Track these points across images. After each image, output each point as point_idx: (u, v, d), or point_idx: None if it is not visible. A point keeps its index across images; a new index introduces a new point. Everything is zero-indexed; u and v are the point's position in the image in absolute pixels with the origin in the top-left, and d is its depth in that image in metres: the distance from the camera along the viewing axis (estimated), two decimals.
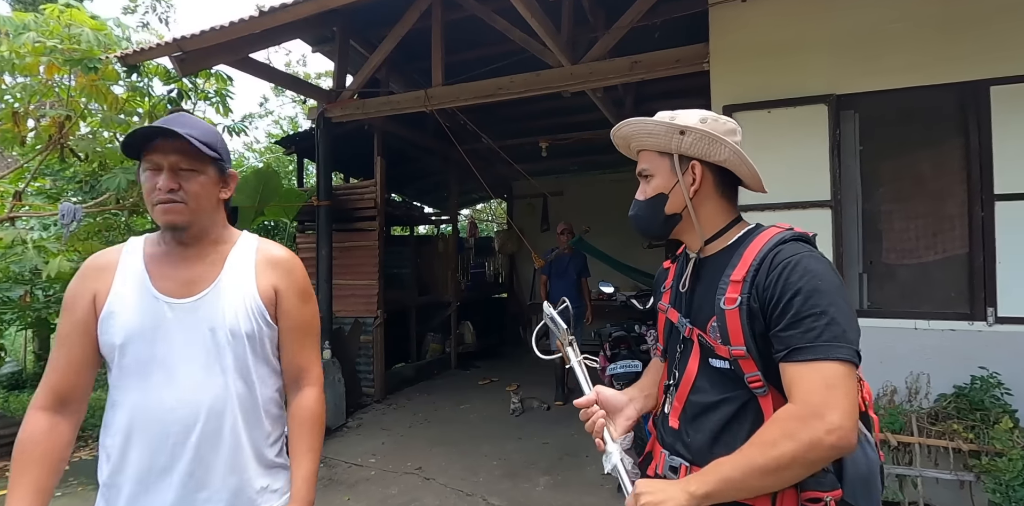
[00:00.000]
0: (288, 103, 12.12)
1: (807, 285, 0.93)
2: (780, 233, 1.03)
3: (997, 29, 2.86)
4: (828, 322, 0.91)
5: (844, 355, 0.89)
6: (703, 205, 1.10)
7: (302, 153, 6.09)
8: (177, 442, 1.10)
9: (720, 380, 1.04)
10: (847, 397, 0.88)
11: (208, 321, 1.14)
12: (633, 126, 1.10)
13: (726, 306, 1.00)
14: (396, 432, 4.47)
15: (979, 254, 2.89)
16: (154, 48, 3.63)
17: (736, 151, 1.04)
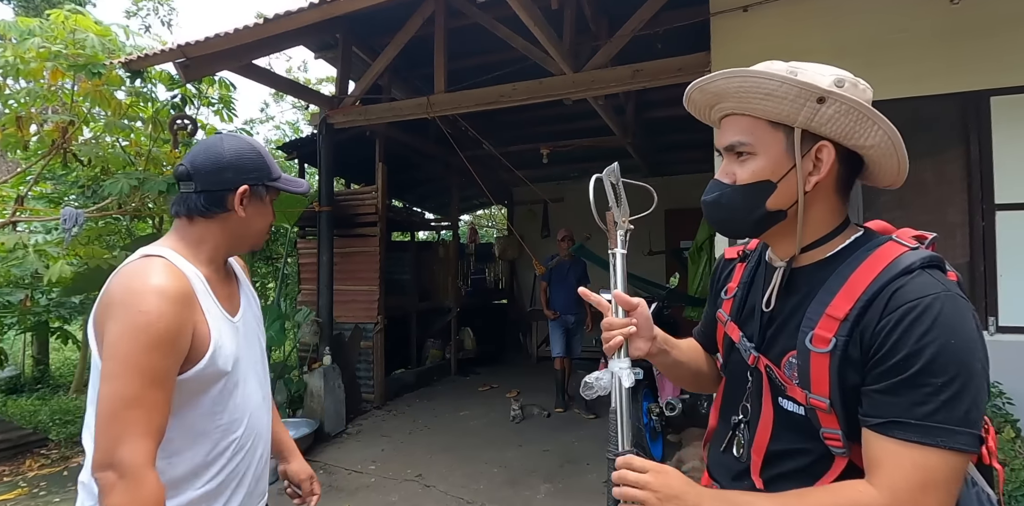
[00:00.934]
0: (289, 109, 12.17)
1: (935, 343, 0.70)
2: (906, 254, 0.77)
3: (997, 40, 2.88)
4: (951, 397, 0.69)
5: (961, 445, 0.69)
6: (815, 203, 0.83)
7: (304, 158, 6.10)
8: (252, 448, 1.15)
9: (791, 427, 0.83)
10: (941, 503, 0.70)
11: (256, 332, 1.21)
12: (742, 80, 0.79)
13: (814, 347, 0.77)
14: (396, 439, 4.45)
15: (980, 263, 2.90)
16: (158, 54, 3.64)
17: (891, 133, 0.77)
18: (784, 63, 0.81)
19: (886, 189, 0.88)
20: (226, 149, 1.11)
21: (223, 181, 1.09)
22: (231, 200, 1.10)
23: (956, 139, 3.02)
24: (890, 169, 0.83)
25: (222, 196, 1.10)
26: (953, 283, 0.76)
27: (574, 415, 4.98)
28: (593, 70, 4.01)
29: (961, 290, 0.76)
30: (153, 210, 4.32)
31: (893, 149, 0.80)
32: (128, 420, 0.90)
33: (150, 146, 4.27)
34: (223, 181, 1.09)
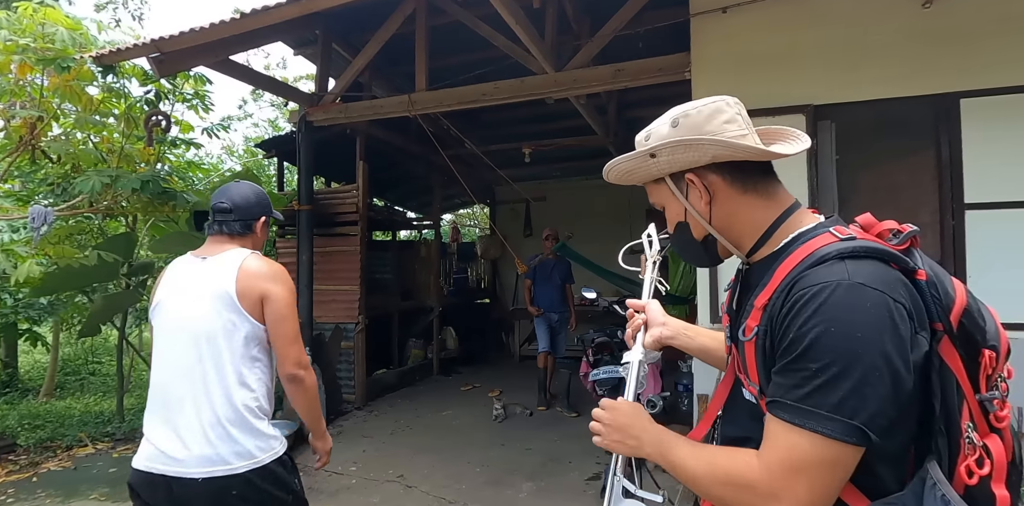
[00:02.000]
0: (267, 106, 11.99)
1: (815, 329, 0.72)
2: (827, 246, 0.79)
3: (967, 43, 2.96)
4: (824, 383, 0.70)
5: (827, 430, 0.69)
6: (733, 213, 0.90)
7: (283, 157, 6.02)
8: None
9: (746, 413, 0.89)
10: (809, 489, 0.71)
11: None
12: (612, 171, 0.98)
13: (744, 336, 0.84)
14: (378, 439, 4.42)
15: (950, 262, 2.97)
16: (131, 48, 3.55)
17: (718, 141, 0.85)
18: (646, 129, 0.95)
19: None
20: (254, 193, 1.76)
21: (252, 215, 1.73)
22: (256, 226, 1.75)
23: (928, 140, 3.10)
24: (751, 155, 0.88)
25: (251, 224, 1.73)
26: (868, 271, 0.74)
27: (556, 414, 4.99)
28: (575, 69, 4.03)
29: (879, 281, 0.73)
30: (127, 208, 4.21)
31: (731, 151, 0.86)
32: (300, 340, 1.65)
33: (123, 143, 4.16)
34: (252, 215, 1.73)
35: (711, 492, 0.82)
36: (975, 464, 0.73)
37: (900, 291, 0.74)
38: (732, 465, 0.79)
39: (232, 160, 10.20)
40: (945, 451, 0.74)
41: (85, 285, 4.77)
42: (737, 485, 0.77)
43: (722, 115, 0.88)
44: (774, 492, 0.73)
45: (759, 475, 0.75)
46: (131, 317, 5.85)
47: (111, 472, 3.83)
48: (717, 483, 0.80)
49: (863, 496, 0.76)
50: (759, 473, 0.75)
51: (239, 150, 11.21)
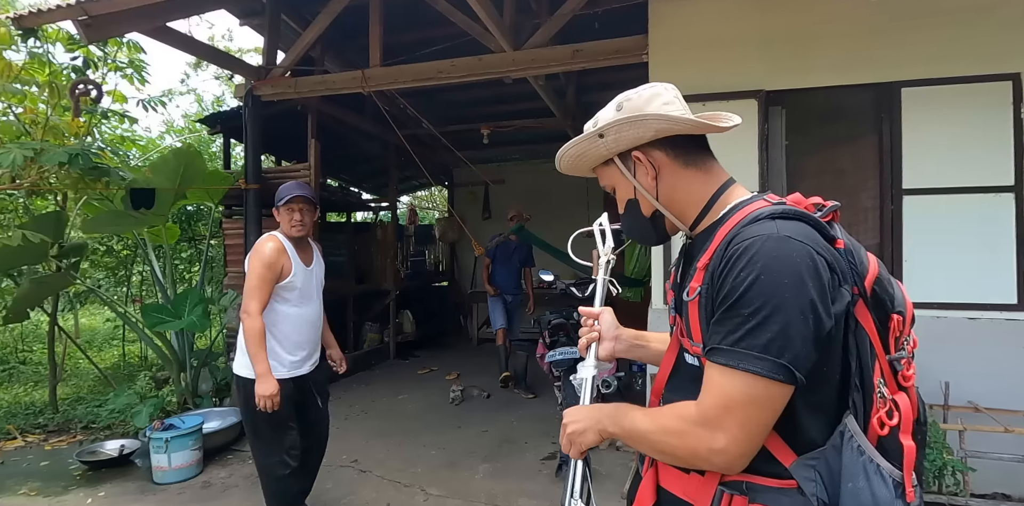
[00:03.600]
0: (211, 80, 11.37)
1: (748, 277, 0.78)
2: (760, 209, 0.87)
3: (909, 34, 3.07)
4: (755, 326, 0.77)
5: (757, 368, 0.76)
6: (675, 187, 0.97)
7: (229, 133, 5.71)
8: (311, 335, 2.62)
9: (691, 379, 0.91)
10: (745, 424, 0.78)
11: (319, 277, 2.67)
12: (564, 156, 1.04)
13: (687, 297, 0.90)
14: (332, 425, 4.32)
15: (888, 244, 3.12)
16: (54, 10, 3.26)
17: (659, 116, 0.92)
18: (595, 116, 1.01)
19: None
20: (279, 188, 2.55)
21: (274, 203, 2.52)
22: (274, 211, 2.54)
23: (871, 127, 3.21)
24: (692, 128, 0.95)
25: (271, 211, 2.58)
26: (794, 227, 0.81)
27: (514, 396, 5.02)
28: (533, 49, 3.96)
29: (804, 236, 0.81)
30: (55, 185, 3.92)
31: (672, 125, 0.93)
32: (250, 294, 2.37)
33: (48, 114, 3.85)
34: (274, 203, 2.52)
35: (659, 445, 0.88)
36: (886, 416, 0.82)
37: (822, 246, 0.82)
38: (672, 414, 0.87)
39: (172, 136, 9.64)
40: (860, 406, 0.82)
41: (9, 267, 4.44)
42: (678, 430, 0.84)
43: (660, 98, 0.95)
44: (709, 428, 0.80)
45: (696, 416, 0.82)
46: (63, 302, 5.51)
47: (43, 465, 3.63)
48: (661, 432, 0.87)
49: (791, 451, 0.83)
50: (695, 414, 0.82)
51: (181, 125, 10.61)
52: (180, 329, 4.09)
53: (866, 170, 3.22)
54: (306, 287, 2.53)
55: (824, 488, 0.80)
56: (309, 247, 2.61)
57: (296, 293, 2.49)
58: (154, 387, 4.39)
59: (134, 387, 4.23)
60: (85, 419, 4.32)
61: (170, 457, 3.30)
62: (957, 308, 2.98)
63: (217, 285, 5.70)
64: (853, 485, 0.78)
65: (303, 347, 2.55)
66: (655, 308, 3.51)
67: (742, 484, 0.84)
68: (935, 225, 3.04)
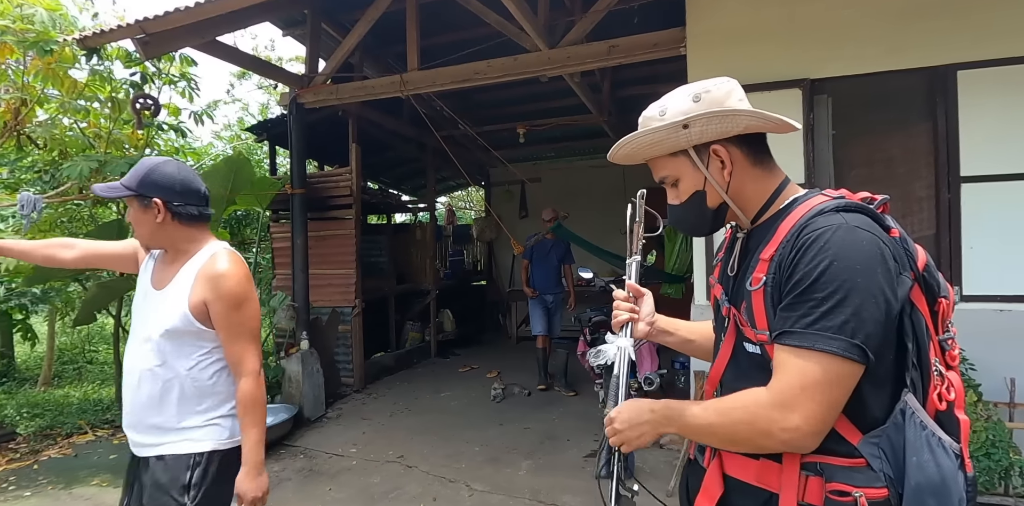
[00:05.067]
0: (254, 90, 11.79)
1: (821, 263, 0.82)
2: (823, 203, 0.91)
3: (963, 14, 2.92)
4: (830, 309, 0.81)
5: (833, 348, 0.80)
6: (744, 182, 0.99)
7: (274, 140, 5.93)
8: (133, 382, 1.58)
9: (752, 366, 0.95)
10: (820, 403, 0.81)
11: (175, 310, 1.52)
12: (631, 143, 1.02)
13: (752, 287, 0.92)
14: (377, 421, 4.45)
15: (946, 235, 2.98)
16: (115, 30, 3.47)
17: (753, 112, 0.93)
18: (657, 105, 1.01)
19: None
20: None
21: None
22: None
23: (923, 113, 3.08)
24: (773, 129, 0.98)
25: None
26: (859, 219, 0.87)
27: (555, 393, 5.03)
28: (568, 46, 3.96)
29: (877, 222, 0.88)
30: None
31: (762, 121, 0.95)
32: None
33: (110, 127, 4.09)
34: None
35: (732, 435, 0.89)
36: (945, 391, 0.87)
37: (884, 235, 0.87)
38: (740, 401, 0.89)
39: (222, 144, 10.06)
40: (919, 383, 0.86)
41: (77, 273, 4.73)
42: (748, 416, 0.86)
43: (735, 94, 0.98)
44: (783, 409, 0.82)
45: (768, 399, 0.84)
46: (127, 304, 5.84)
47: (111, 458, 3.86)
48: (732, 423, 0.88)
49: (857, 430, 0.86)
50: (768, 397, 0.85)
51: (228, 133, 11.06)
52: None
53: (919, 158, 3.08)
54: (138, 317, 1.57)
55: (889, 463, 0.83)
56: (179, 262, 1.56)
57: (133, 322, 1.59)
58: None
59: None
60: None
61: None
62: (1022, 301, 2.82)
63: (266, 287, 5.93)
64: (918, 459, 0.81)
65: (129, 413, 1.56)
66: (698, 304, 3.45)
67: (816, 465, 0.86)
68: (996, 214, 2.88)
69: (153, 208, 1.49)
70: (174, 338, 1.51)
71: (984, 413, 2.46)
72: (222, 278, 1.50)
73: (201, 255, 1.56)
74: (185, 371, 1.53)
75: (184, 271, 1.54)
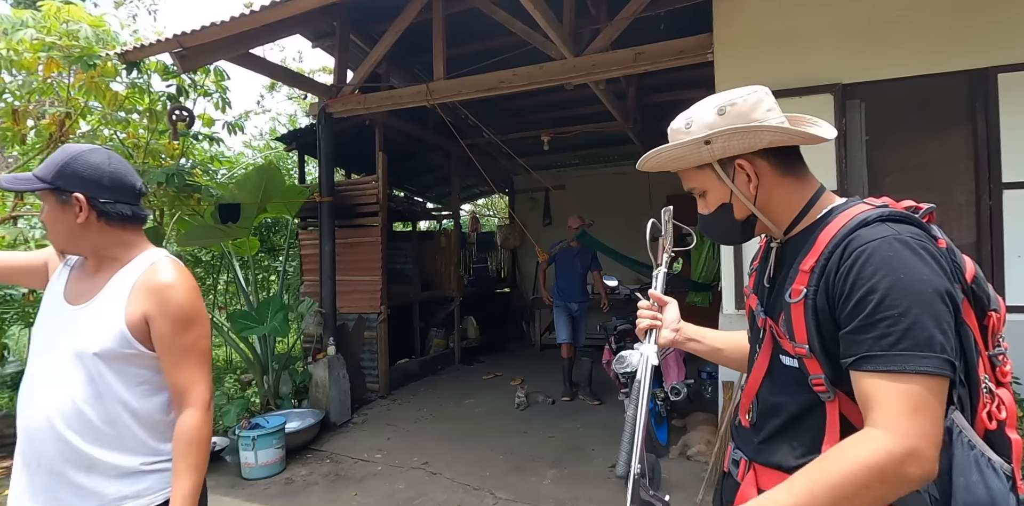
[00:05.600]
0: (284, 101, 12.06)
1: (885, 279, 0.78)
2: (866, 212, 0.87)
3: (1004, 16, 2.83)
4: (909, 326, 0.76)
5: (928, 367, 0.75)
6: (773, 194, 0.97)
7: (303, 149, 6.07)
8: (38, 440, 1.24)
9: (789, 379, 0.93)
10: (935, 424, 0.75)
11: (92, 330, 1.23)
12: (656, 158, 1.00)
13: (791, 299, 0.89)
14: (402, 427, 4.48)
15: (987, 243, 2.88)
16: (154, 44, 3.60)
17: (776, 128, 0.92)
18: (684, 117, 0.99)
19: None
20: None
21: None
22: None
23: (962, 117, 2.99)
24: (802, 140, 0.96)
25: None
26: (908, 229, 0.83)
27: (579, 402, 4.99)
28: (594, 54, 3.96)
29: (926, 232, 0.84)
30: (153, 203, 4.30)
31: (787, 136, 0.93)
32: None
33: (148, 138, 4.24)
34: None
35: (861, 502, 0.74)
36: (996, 410, 0.83)
37: (938, 248, 0.84)
38: (849, 460, 0.74)
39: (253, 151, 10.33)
40: (967, 400, 0.82)
41: None
42: (875, 470, 0.73)
43: (764, 104, 0.95)
44: (911, 437, 0.73)
45: (890, 435, 0.74)
46: None
47: None
48: (856, 488, 0.73)
49: None
50: (888, 434, 0.74)
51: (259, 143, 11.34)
52: (263, 334, 4.36)
53: (958, 163, 2.99)
54: (46, 339, 1.27)
55: (934, 484, 0.79)
56: (107, 271, 1.28)
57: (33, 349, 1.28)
58: (240, 388, 4.69)
59: (222, 388, 4.54)
60: None
61: (256, 454, 3.52)
62: None
63: (294, 293, 6.03)
64: (966, 480, 0.78)
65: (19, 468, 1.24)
66: (726, 313, 3.39)
67: None
68: None
69: (73, 205, 1.20)
70: (108, 363, 1.20)
71: None
72: (169, 290, 1.23)
73: (137, 263, 1.28)
74: (132, 402, 1.23)
75: (115, 282, 1.25)
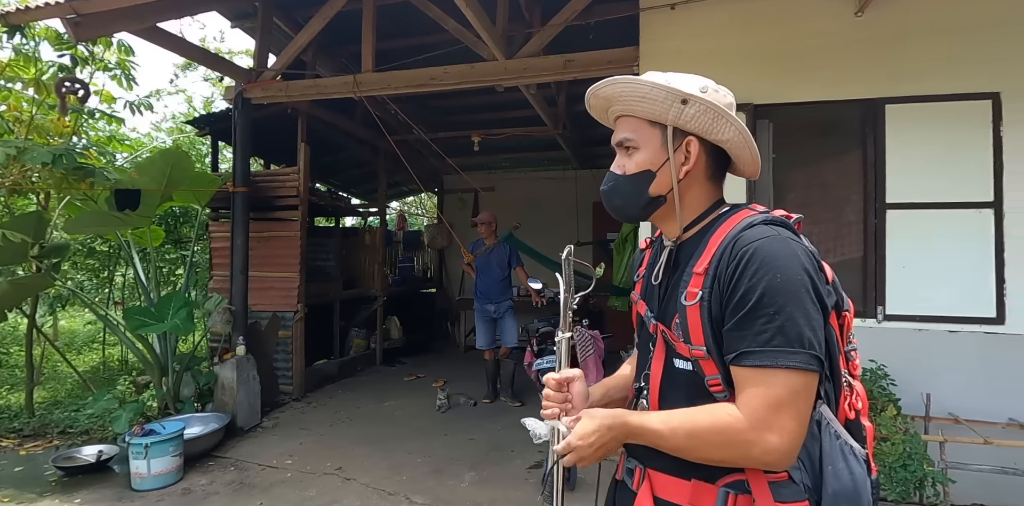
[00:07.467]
0: (199, 81, 11.28)
1: (764, 279, 0.82)
2: (750, 216, 0.92)
3: (894, 51, 3.14)
4: (783, 323, 0.81)
5: (796, 363, 0.80)
6: (690, 188, 0.97)
7: (217, 135, 5.67)
8: None
9: (685, 383, 0.94)
10: (794, 419, 0.81)
11: None
12: (622, 85, 0.94)
13: (687, 302, 0.90)
14: (316, 431, 4.29)
15: (872, 257, 3.17)
16: (42, 8, 3.23)
17: (742, 130, 0.93)
18: (663, 73, 0.96)
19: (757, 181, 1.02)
20: None
21: None
22: None
23: (856, 142, 3.28)
24: (746, 161, 0.98)
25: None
26: (790, 234, 0.90)
27: (501, 404, 5.00)
28: (525, 57, 3.99)
29: (797, 236, 0.91)
30: (37, 184, 3.86)
31: (745, 143, 0.95)
32: None
33: (32, 112, 3.80)
34: None
35: (705, 457, 0.87)
36: (855, 400, 0.92)
37: (810, 250, 0.90)
38: (712, 423, 0.84)
39: (162, 136, 9.54)
40: (832, 394, 0.90)
41: None
42: (727, 439, 0.83)
43: (732, 109, 0.96)
44: (760, 430, 0.81)
45: (747, 422, 0.82)
46: (43, 304, 5.41)
47: (17, 471, 3.54)
48: (706, 445, 0.85)
49: None
50: (746, 420, 0.82)
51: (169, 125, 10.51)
52: (163, 331, 4.03)
53: (851, 184, 3.27)
54: None
55: (808, 474, 0.86)
56: None
57: None
58: (134, 391, 4.31)
59: (114, 391, 4.15)
60: (62, 424, 4.23)
61: (149, 463, 3.24)
62: (938, 321, 3.03)
63: (202, 288, 5.63)
64: (833, 467, 0.85)
65: None
66: None
67: (744, 482, 0.86)
68: (917, 239, 3.09)
69: None
70: None
71: (902, 426, 2.62)
72: None
73: None
74: None
75: None
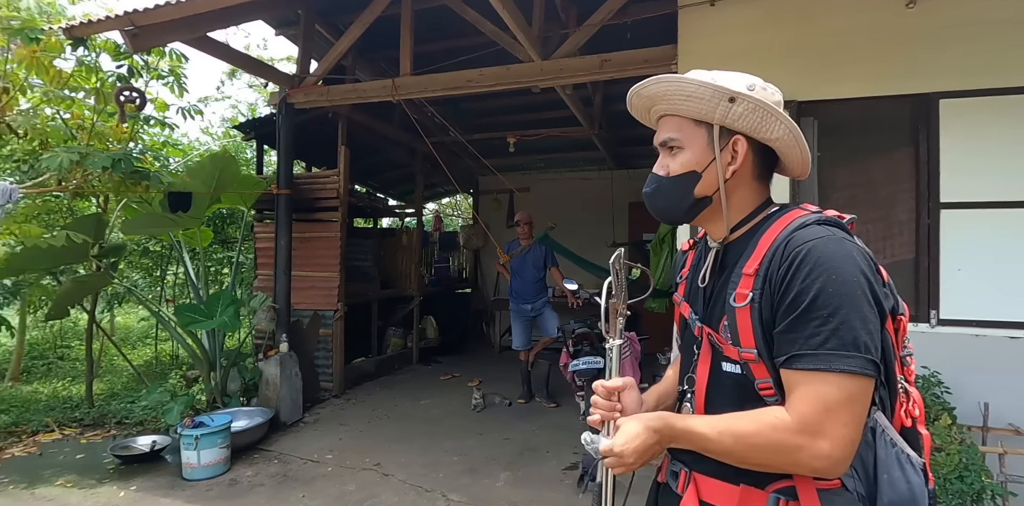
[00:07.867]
0: (244, 88, 11.68)
1: (818, 280, 0.80)
2: (803, 216, 0.89)
3: (948, 45, 3.00)
4: (837, 326, 0.78)
5: (851, 367, 0.77)
6: (737, 189, 0.95)
7: (262, 139, 5.88)
8: None
9: (733, 386, 0.91)
10: (847, 425, 0.78)
11: None
12: (668, 84, 0.92)
13: (736, 303, 0.87)
14: (354, 427, 4.39)
15: (924, 259, 3.04)
16: (103, 21, 3.41)
17: (792, 129, 0.90)
18: (707, 71, 0.94)
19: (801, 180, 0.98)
20: None
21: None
22: None
23: (906, 139, 3.14)
24: (795, 160, 0.95)
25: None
26: (844, 234, 0.86)
27: (536, 404, 5.01)
28: (561, 58, 3.99)
29: (852, 237, 0.87)
30: (97, 187, 4.07)
31: (795, 141, 0.92)
32: None
33: (93, 119, 4.02)
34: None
35: (753, 462, 0.84)
36: (911, 407, 0.89)
37: (866, 250, 0.87)
38: (760, 427, 0.82)
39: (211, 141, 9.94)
40: (887, 400, 0.87)
41: (52, 266, 4.62)
42: (775, 444, 0.80)
43: (781, 106, 0.92)
44: (811, 436, 0.78)
45: (796, 426, 0.79)
46: (101, 300, 5.70)
47: (78, 458, 3.75)
48: (753, 449, 0.82)
49: None
50: (795, 425, 0.79)
51: (217, 131, 10.93)
52: (212, 329, 4.20)
53: (901, 183, 3.14)
54: None
55: (861, 482, 0.83)
56: None
57: None
58: (185, 385, 4.51)
59: (166, 385, 4.35)
60: (119, 414, 4.46)
61: (199, 454, 3.38)
62: (997, 326, 2.87)
63: (247, 287, 5.84)
64: (889, 476, 0.82)
65: None
66: None
67: (794, 488, 0.84)
68: (974, 240, 2.94)
69: None
70: None
71: (958, 436, 2.49)
72: None
73: None
74: None
75: None
